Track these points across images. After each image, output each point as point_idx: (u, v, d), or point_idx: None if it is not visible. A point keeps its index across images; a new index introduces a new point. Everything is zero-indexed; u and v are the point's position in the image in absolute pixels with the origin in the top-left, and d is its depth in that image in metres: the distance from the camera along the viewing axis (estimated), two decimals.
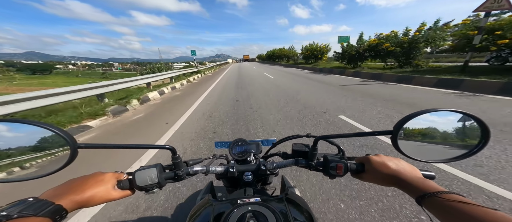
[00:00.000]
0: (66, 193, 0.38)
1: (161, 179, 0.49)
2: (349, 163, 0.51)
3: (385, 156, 0.47)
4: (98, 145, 0.44)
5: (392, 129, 0.43)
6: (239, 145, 0.73)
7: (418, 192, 0.37)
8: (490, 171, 1.86)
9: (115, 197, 0.44)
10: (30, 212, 0.31)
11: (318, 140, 0.55)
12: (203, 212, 0.51)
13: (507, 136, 2.53)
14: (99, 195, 0.41)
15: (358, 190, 1.69)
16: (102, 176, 0.44)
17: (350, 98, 5.19)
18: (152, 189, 0.48)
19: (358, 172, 0.50)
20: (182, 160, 0.55)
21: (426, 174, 0.46)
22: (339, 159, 0.53)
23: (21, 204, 0.32)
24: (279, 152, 0.72)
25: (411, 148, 0.45)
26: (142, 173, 0.48)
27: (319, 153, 0.58)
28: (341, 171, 0.50)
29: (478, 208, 0.28)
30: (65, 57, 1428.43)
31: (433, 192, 0.34)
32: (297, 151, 0.64)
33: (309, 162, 0.57)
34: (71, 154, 0.40)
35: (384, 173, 0.44)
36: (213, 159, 0.71)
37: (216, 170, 0.61)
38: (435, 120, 0.44)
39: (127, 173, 0.50)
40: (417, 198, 0.36)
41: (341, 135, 0.52)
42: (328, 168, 0.52)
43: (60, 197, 0.36)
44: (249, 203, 0.47)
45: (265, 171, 0.61)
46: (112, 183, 0.45)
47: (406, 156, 0.45)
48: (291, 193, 0.62)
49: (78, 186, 0.40)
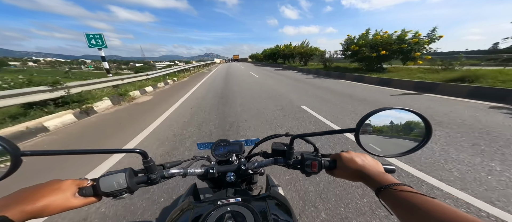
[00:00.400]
0: (15, 203, 0.35)
1: (131, 183, 0.47)
2: (323, 160, 0.53)
3: (353, 152, 0.50)
4: (48, 151, 0.41)
5: (355, 126, 0.48)
6: (222, 146, 0.72)
7: (376, 185, 0.40)
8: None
9: (75, 205, 0.42)
10: None
11: (294, 138, 0.56)
12: (183, 215, 0.51)
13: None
14: (55, 204, 0.39)
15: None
16: (58, 184, 0.42)
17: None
18: (120, 194, 0.46)
19: (330, 169, 0.52)
20: (155, 163, 0.54)
21: (387, 168, 0.50)
22: (313, 156, 0.54)
23: None
24: (261, 152, 0.74)
25: (371, 143, 0.50)
26: (108, 179, 0.45)
27: (297, 151, 0.59)
28: (316, 168, 0.52)
29: (421, 197, 0.33)
30: (28, 53, 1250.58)
31: (387, 185, 0.38)
32: (276, 150, 0.65)
33: (287, 160, 0.58)
34: (12, 162, 0.37)
35: (352, 169, 0.47)
36: (193, 160, 0.70)
37: (195, 172, 0.60)
38: (391, 117, 0.50)
39: (91, 179, 0.47)
40: (375, 191, 0.40)
41: (314, 133, 0.54)
42: (304, 165, 0.54)
43: (6, 208, 0.34)
44: (229, 204, 0.48)
45: (246, 170, 0.61)
46: (71, 191, 0.42)
47: (365, 151, 0.51)
48: (274, 191, 0.64)
49: (29, 195, 0.38)
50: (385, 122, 0.50)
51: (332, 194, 1.70)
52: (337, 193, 1.70)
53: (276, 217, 0.47)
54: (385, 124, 0.50)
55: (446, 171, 1.99)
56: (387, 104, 3.75)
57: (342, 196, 1.67)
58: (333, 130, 0.53)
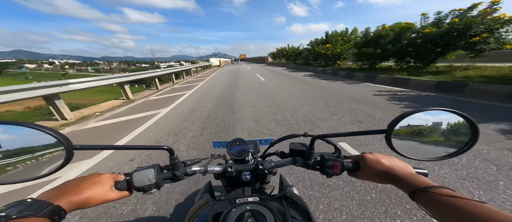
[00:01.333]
0: (64, 194, 0.38)
1: (159, 179, 0.49)
2: (346, 162, 0.52)
3: (379, 154, 0.48)
4: (94, 146, 0.44)
5: (386, 128, 0.45)
6: (237, 145, 0.73)
7: (410, 187, 0.38)
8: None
9: (113, 198, 0.45)
10: (29, 212, 0.32)
11: (315, 139, 0.55)
12: (202, 212, 0.52)
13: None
14: (96, 196, 0.42)
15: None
16: (98, 177, 0.45)
17: None
18: (150, 190, 0.48)
19: (353, 170, 0.51)
20: (180, 160, 0.56)
21: (419, 171, 0.47)
22: (335, 157, 0.53)
23: (20, 205, 0.33)
24: (277, 151, 0.73)
25: (404, 146, 0.46)
26: (140, 174, 0.48)
27: (316, 152, 0.58)
28: (338, 169, 0.51)
29: (467, 202, 0.30)
30: (55, 56, 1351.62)
31: (424, 187, 0.35)
32: (294, 150, 0.64)
33: (307, 161, 0.58)
34: (66, 155, 0.41)
35: (378, 170, 0.45)
36: (211, 158, 0.71)
37: (214, 170, 0.61)
38: (427, 119, 0.45)
39: (124, 173, 0.50)
40: (410, 193, 0.37)
41: (337, 134, 0.53)
42: (325, 166, 0.52)
43: (58, 198, 0.37)
44: (248, 202, 0.48)
45: (263, 170, 0.61)
46: (109, 184, 0.45)
47: (399, 154, 0.47)
48: (289, 192, 0.63)
49: (75, 187, 0.41)
50: (420, 124, 0.46)
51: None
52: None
53: (295, 218, 0.47)
54: (421, 125, 0.46)
55: None
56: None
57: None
58: (360, 131, 0.50)
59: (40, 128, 0.39)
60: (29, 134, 0.39)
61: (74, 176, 2.05)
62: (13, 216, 0.30)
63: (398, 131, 0.46)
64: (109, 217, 1.55)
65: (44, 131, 0.39)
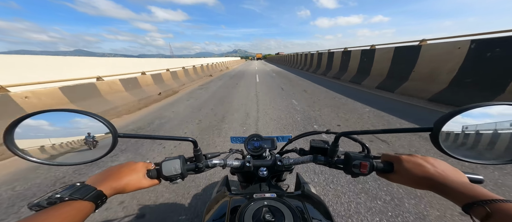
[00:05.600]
0: (106, 180, 0.42)
1: (183, 170, 0.51)
2: (375, 162, 0.48)
3: (419, 156, 0.43)
4: (134, 135, 0.48)
5: (433, 125, 0.38)
6: (255, 140, 0.72)
7: (465, 199, 0.32)
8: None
9: (144, 185, 0.47)
10: (78, 195, 0.35)
11: (339, 136, 0.52)
12: (220, 205, 0.52)
13: None
14: (132, 183, 0.45)
15: None
16: (134, 165, 0.48)
17: None
18: (175, 179, 0.51)
19: (385, 172, 0.47)
20: (202, 152, 0.57)
21: (472, 177, 0.40)
22: (363, 157, 0.50)
23: (71, 188, 0.36)
24: (295, 148, 0.71)
25: (455, 147, 0.39)
26: (168, 164, 0.50)
27: (340, 151, 0.55)
28: (365, 169, 0.48)
29: None
30: (104, 54, 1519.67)
31: (485, 200, 0.29)
32: (315, 147, 0.61)
33: (329, 158, 0.55)
34: (113, 142, 0.45)
35: (418, 175, 0.40)
36: (229, 153, 0.71)
37: (233, 164, 0.61)
38: (487, 115, 0.38)
39: (155, 163, 0.52)
40: (464, 206, 0.31)
41: (367, 131, 0.49)
42: (350, 166, 0.49)
43: (101, 183, 0.40)
44: (265, 198, 0.47)
45: (281, 167, 0.60)
46: (142, 172, 0.48)
47: (450, 156, 0.40)
48: (307, 190, 0.61)
49: (115, 173, 0.44)
50: (473, 122, 0.39)
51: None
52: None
53: (314, 215, 0.45)
54: (475, 123, 0.39)
55: None
56: None
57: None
58: (396, 129, 0.44)
59: (96, 117, 0.43)
60: (81, 121, 0.44)
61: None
62: (66, 198, 0.34)
63: (447, 130, 0.39)
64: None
65: (98, 119, 0.43)
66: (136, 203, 1.64)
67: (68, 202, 0.34)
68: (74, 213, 0.33)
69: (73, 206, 0.34)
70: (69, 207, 0.33)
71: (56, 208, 0.32)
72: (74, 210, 0.33)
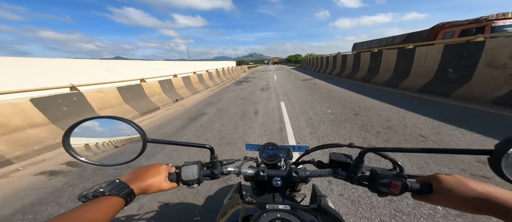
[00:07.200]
0: (135, 179, 0.45)
1: (200, 175, 0.53)
2: (409, 182, 0.43)
3: (463, 177, 0.39)
4: (161, 140, 0.51)
5: (493, 148, 0.34)
6: (270, 149, 0.71)
7: None
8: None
9: (165, 188, 0.49)
10: (115, 192, 0.39)
11: (366, 152, 0.48)
12: (232, 212, 0.53)
13: None
14: (155, 185, 0.47)
15: None
16: (158, 168, 0.50)
17: None
18: (192, 184, 0.53)
19: (422, 193, 0.43)
20: (218, 159, 0.58)
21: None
22: (394, 175, 0.45)
23: (112, 184, 0.40)
24: (312, 160, 0.68)
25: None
26: (187, 169, 0.52)
27: (366, 166, 0.52)
28: (396, 189, 0.43)
29: None
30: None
31: None
32: (335, 161, 0.58)
33: (351, 174, 0.52)
34: (142, 146, 0.48)
35: (467, 196, 0.36)
36: (244, 160, 0.71)
37: (247, 173, 0.62)
38: None
39: (175, 166, 0.55)
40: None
41: (401, 149, 0.43)
42: (377, 184, 0.45)
43: (132, 182, 0.43)
44: (278, 210, 0.46)
45: (297, 178, 0.59)
46: (165, 175, 0.50)
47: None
48: (324, 204, 0.58)
49: (142, 174, 0.47)
50: None
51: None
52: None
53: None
54: None
55: None
56: None
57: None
58: (444, 149, 0.39)
59: (130, 123, 0.47)
60: (122, 127, 0.48)
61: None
62: (106, 193, 0.38)
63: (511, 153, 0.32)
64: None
65: (132, 125, 0.47)
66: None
67: (107, 197, 0.37)
68: (110, 208, 0.36)
69: (110, 201, 0.37)
70: (107, 201, 0.37)
71: (98, 201, 0.36)
72: (110, 205, 0.37)
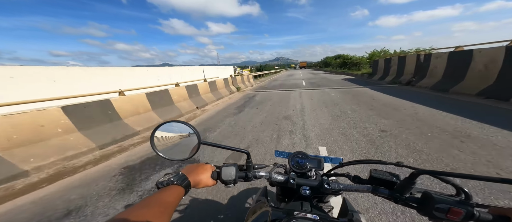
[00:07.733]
0: (192, 173, 0.52)
1: (236, 177, 0.57)
2: (478, 211, 0.38)
3: None
4: (212, 143, 0.58)
5: None
6: (299, 158, 0.69)
7: None
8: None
9: (209, 184, 0.55)
10: (179, 182, 0.46)
11: (420, 173, 0.43)
12: (260, 214, 0.54)
13: None
14: (202, 181, 0.53)
15: None
16: (206, 166, 0.56)
17: None
18: (229, 184, 0.57)
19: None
20: (253, 163, 0.62)
21: None
22: (455, 202, 0.40)
23: (177, 175, 0.48)
24: (347, 173, 0.65)
25: None
26: (226, 169, 0.57)
27: (418, 189, 0.48)
28: (458, 217, 0.39)
29: None
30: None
31: None
32: (377, 178, 0.54)
33: (396, 194, 0.48)
34: (197, 147, 0.56)
35: None
36: (274, 166, 0.73)
37: (278, 179, 0.62)
38: None
39: (216, 166, 0.60)
40: None
41: (463, 175, 0.38)
42: (431, 208, 0.41)
43: (189, 175, 0.50)
44: (306, 219, 0.45)
45: (329, 190, 0.57)
46: (209, 173, 0.56)
47: None
48: (357, 219, 0.56)
49: (195, 170, 0.54)
50: None
51: None
52: None
53: None
54: None
55: None
56: None
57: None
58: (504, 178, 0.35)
59: (190, 126, 0.57)
60: (183, 129, 0.59)
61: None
62: (175, 182, 0.46)
63: None
64: None
65: (190, 127, 0.57)
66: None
67: (175, 186, 0.45)
68: (176, 195, 0.43)
69: (176, 189, 0.44)
70: (174, 189, 0.44)
71: (169, 188, 0.43)
72: (176, 193, 0.43)
